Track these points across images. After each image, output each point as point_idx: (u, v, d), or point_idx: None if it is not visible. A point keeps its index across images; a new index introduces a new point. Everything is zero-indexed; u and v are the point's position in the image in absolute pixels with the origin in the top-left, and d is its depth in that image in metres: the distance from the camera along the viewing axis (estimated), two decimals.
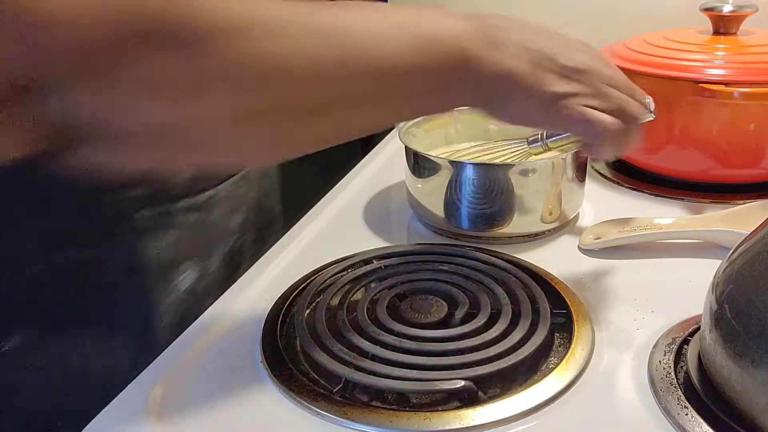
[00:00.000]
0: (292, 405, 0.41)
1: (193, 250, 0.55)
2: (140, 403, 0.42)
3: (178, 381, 0.44)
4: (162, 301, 0.53)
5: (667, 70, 0.67)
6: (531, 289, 0.51)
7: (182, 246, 0.54)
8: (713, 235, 0.58)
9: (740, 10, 0.70)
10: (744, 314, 0.36)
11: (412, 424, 0.39)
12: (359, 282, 0.53)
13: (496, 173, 0.59)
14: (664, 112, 0.69)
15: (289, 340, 0.48)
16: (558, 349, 0.46)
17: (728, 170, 0.69)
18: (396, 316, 0.48)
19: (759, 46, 0.69)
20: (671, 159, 0.71)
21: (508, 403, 0.40)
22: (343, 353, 0.44)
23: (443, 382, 0.41)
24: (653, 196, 0.71)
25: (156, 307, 0.52)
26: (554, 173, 0.59)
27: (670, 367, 0.42)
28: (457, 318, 0.48)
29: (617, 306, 0.50)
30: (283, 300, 0.52)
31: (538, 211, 0.60)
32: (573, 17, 1.02)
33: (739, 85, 0.63)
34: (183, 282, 0.54)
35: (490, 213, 0.60)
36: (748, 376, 0.36)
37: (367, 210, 0.70)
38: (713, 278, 0.40)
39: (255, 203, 0.63)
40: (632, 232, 0.58)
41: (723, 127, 0.67)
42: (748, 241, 0.39)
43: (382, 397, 0.43)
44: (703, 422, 0.37)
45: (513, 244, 0.60)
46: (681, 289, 0.53)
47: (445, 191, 0.60)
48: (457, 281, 0.52)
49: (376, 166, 0.82)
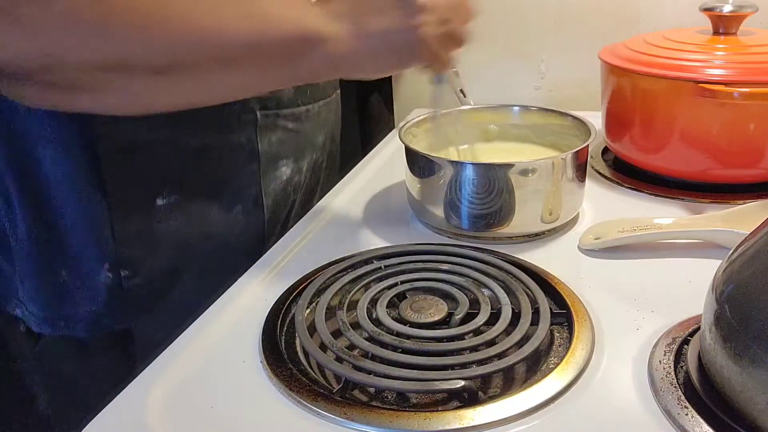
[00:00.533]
0: (292, 405, 0.41)
1: (291, 151, 0.67)
2: (140, 403, 0.42)
3: (178, 381, 0.44)
4: (268, 186, 0.65)
5: (667, 70, 0.67)
6: (531, 289, 0.51)
7: (284, 145, 0.65)
8: (713, 235, 0.58)
9: (740, 10, 0.70)
10: (744, 314, 0.36)
11: (412, 424, 0.39)
12: (359, 282, 0.53)
13: (495, 173, 0.59)
14: (664, 112, 0.69)
15: (289, 340, 0.48)
16: (558, 349, 0.46)
17: (728, 170, 0.69)
18: (396, 316, 0.48)
19: (759, 46, 0.69)
20: (671, 159, 0.71)
21: (508, 403, 0.40)
22: (343, 353, 0.44)
23: (443, 382, 0.41)
24: (653, 196, 0.71)
25: (262, 190, 0.64)
26: (554, 173, 0.59)
27: (670, 367, 0.42)
28: (457, 318, 0.48)
29: (617, 306, 0.50)
30: (283, 300, 0.52)
31: (538, 211, 0.60)
32: (573, 17, 1.02)
33: (739, 85, 0.63)
34: (282, 174, 0.66)
35: (490, 213, 0.60)
36: (748, 376, 0.36)
37: (367, 210, 0.70)
38: (713, 278, 0.40)
39: (330, 128, 0.75)
40: (632, 232, 0.58)
41: (723, 127, 0.67)
42: (748, 241, 0.39)
43: (382, 397, 0.43)
44: (703, 422, 0.37)
45: (513, 244, 0.61)
46: (681, 289, 0.53)
47: (445, 191, 0.60)
48: (457, 281, 0.52)
49: (375, 166, 0.82)
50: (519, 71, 1.08)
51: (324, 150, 0.74)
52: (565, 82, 1.07)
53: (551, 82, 1.07)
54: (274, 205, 0.66)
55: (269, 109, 0.62)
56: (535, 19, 1.04)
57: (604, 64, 0.75)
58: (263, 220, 0.65)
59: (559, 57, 1.05)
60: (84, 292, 0.58)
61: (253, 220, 0.64)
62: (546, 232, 0.62)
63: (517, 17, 1.04)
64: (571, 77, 1.05)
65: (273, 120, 0.63)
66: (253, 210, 0.64)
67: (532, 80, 1.08)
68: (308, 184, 0.72)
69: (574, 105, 0.75)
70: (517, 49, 1.06)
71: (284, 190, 0.67)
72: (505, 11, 1.04)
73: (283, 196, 0.67)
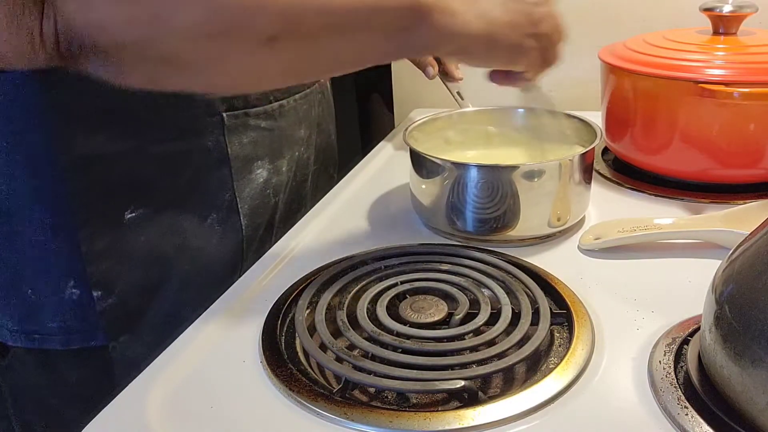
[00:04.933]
0: (292, 405, 0.41)
1: (266, 151, 0.64)
2: (140, 403, 0.42)
3: (178, 381, 0.44)
4: (242, 190, 0.62)
5: (667, 70, 0.67)
6: (531, 289, 0.51)
7: (257, 146, 0.63)
8: (713, 235, 0.58)
9: (740, 10, 0.70)
10: (744, 314, 0.36)
11: (412, 424, 0.39)
12: (359, 282, 0.53)
13: (500, 175, 0.58)
14: (664, 112, 0.69)
15: (289, 340, 0.48)
16: (558, 349, 0.46)
17: (728, 170, 0.69)
18: (396, 316, 0.48)
19: (759, 46, 0.69)
20: (671, 159, 0.71)
21: (508, 403, 0.40)
22: (343, 353, 0.44)
23: (443, 382, 0.41)
24: (653, 196, 0.71)
25: (236, 196, 0.62)
26: (561, 176, 0.59)
27: (670, 367, 0.42)
28: (457, 318, 0.48)
29: (617, 306, 0.50)
30: (283, 300, 0.52)
31: (545, 214, 0.59)
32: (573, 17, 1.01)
33: (739, 85, 0.63)
34: (258, 176, 0.64)
35: (496, 216, 0.59)
36: (748, 376, 0.36)
37: (368, 210, 0.70)
38: (713, 278, 0.40)
39: (316, 122, 0.73)
40: (632, 232, 0.58)
41: (723, 127, 0.67)
42: (748, 241, 0.39)
43: (382, 397, 0.43)
44: (703, 422, 0.37)
45: (517, 247, 0.60)
46: (681, 289, 0.53)
47: (449, 194, 0.60)
48: (457, 281, 0.52)
49: (376, 166, 0.82)
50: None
51: (309, 145, 0.72)
52: (565, 82, 1.06)
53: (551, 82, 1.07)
54: (252, 211, 0.64)
55: (237, 109, 0.60)
56: None
57: (604, 64, 0.75)
58: (241, 227, 0.63)
59: None
60: (52, 308, 0.57)
61: (231, 228, 0.62)
62: (552, 236, 0.62)
63: None
64: (571, 77, 1.05)
65: (242, 120, 0.60)
66: (228, 217, 0.62)
67: None
68: (292, 183, 0.69)
69: (574, 105, 0.75)
70: None
71: (262, 193, 0.65)
72: None
73: (261, 200, 0.65)
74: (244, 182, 0.62)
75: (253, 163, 0.63)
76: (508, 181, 0.58)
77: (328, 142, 0.78)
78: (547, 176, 0.58)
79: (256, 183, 0.64)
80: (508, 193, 0.58)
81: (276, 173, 0.66)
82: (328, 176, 0.79)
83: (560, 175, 0.59)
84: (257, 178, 0.64)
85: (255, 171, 0.63)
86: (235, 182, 0.61)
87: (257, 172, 0.64)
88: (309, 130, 0.71)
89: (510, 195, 0.58)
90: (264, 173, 0.64)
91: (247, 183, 0.63)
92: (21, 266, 0.56)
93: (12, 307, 0.58)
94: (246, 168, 0.62)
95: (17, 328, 0.58)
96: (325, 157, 0.77)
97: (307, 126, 0.70)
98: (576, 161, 0.59)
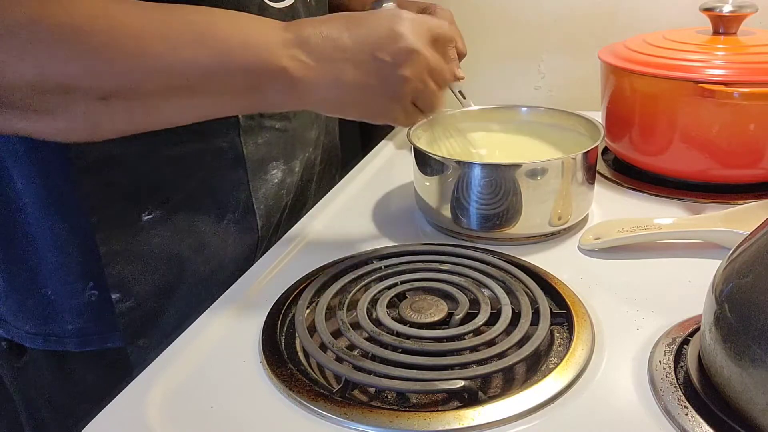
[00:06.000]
0: (292, 405, 0.41)
1: (281, 152, 0.65)
2: (140, 403, 0.42)
3: (178, 381, 0.44)
4: (258, 190, 0.63)
5: (667, 70, 0.67)
6: (531, 289, 0.51)
7: (272, 147, 0.63)
8: (713, 235, 0.58)
9: (740, 10, 0.70)
10: (744, 314, 0.36)
11: (412, 424, 0.39)
12: (359, 282, 0.53)
13: (504, 173, 0.58)
14: (664, 112, 0.69)
15: (289, 340, 0.48)
16: (558, 349, 0.46)
17: (728, 170, 0.69)
18: (396, 316, 0.48)
19: (759, 46, 0.69)
20: (671, 159, 0.71)
21: (508, 403, 0.40)
22: (343, 353, 0.44)
23: (443, 382, 0.41)
24: (653, 196, 0.71)
25: (252, 196, 0.62)
26: (564, 175, 0.59)
27: (670, 367, 0.42)
28: (457, 318, 0.48)
29: (617, 306, 0.50)
30: (283, 300, 0.52)
31: (547, 213, 0.59)
32: (573, 17, 1.02)
33: (738, 85, 0.63)
34: (273, 177, 0.64)
35: (498, 213, 0.59)
36: (748, 376, 0.36)
37: (368, 210, 0.70)
38: (713, 278, 0.40)
39: (324, 123, 0.74)
40: (632, 232, 0.58)
41: (723, 127, 0.67)
42: (748, 241, 0.39)
43: (382, 397, 0.43)
44: (703, 422, 0.37)
45: (517, 246, 0.60)
46: (681, 289, 0.53)
47: (452, 191, 0.60)
48: (457, 281, 0.52)
49: (376, 165, 0.82)
50: (519, 71, 1.08)
51: (318, 145, 0.72)
52: (565, 82, 1.07)
53: (551, 82, 1.07)
54: (267, 211, 0.64)
55: None
56: (534, 19, 1.03)
57: (604, 64, 0.75)
58: (257, 227, 0.63)
59: (559, 57, 1.05)
60: (71, 310, 0.57)
61: (247, 228, 0.63)
62: (555, 234, 0.62)
63: (517, 17, 1.04)
64: (571, 77, 1.05)
65: (258, 121, 0.61)
66: (245, 218, 0.62)
67: (532, 80, 1.08)
68: (300, 183, 0.70)
69: (574, 105, 0.75)
70: (517, 49, 1.06)
71: (277, 193, 0.65)
72: (505, 11, 1.04)
73: (276, 200, 0.65)
74: (260, 182, 0.63)
75: (268, 164, 0.63)
76: (512, 178, 0.58)
77: (333, 143, 0.79)
78: (550, 174, 0.58)
79: (271, 183, 0.64)
80: (511, 190, 0.58)
81: (290, 174, 0.67)
82: (331, 176, 0.79)
83: (563, 173, 0.59)
84: (272, 179, 0.64)
85: (270, 171, 0.64)
86: (251, 182, 0.62)
87: (272, 173, 0.64)
88: (318, 131, 0.72)
89: (513, 192, 0.58)
90: (279, 174, 0.65)
91: (262, 183, 0.63)
92: (39, 269, 0.56)
93: (30, 309, 0.58)
94: (261, 168, 0.63)
95: (35, 330, 0.59)
96: (329, 157, 0.78)
97: (317, 127, 0.71)
98: (579, 160, 0.59)
